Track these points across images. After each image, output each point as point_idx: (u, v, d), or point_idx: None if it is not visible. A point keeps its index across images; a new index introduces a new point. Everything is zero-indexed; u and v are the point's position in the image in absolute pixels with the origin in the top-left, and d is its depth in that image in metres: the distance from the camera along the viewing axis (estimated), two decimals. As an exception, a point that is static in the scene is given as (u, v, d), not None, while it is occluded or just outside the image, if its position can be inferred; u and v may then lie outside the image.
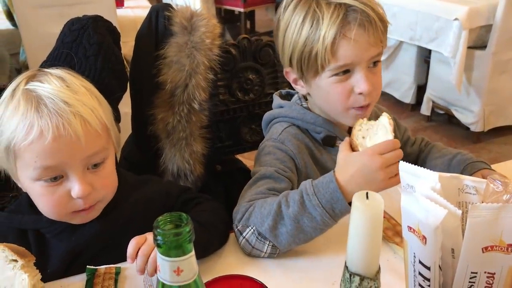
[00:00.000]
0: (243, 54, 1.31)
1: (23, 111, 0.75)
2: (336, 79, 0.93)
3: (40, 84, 0.77)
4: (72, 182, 0.78)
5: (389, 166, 0.83)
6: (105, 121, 0.81)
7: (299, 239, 0.86)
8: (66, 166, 0.77)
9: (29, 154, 0.75)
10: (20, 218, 0.85)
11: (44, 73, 0.81)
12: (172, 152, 1.21)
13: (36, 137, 0.73)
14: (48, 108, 0.74)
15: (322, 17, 0.89)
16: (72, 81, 0.80)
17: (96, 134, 0.78)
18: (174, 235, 0.43)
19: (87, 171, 0.80)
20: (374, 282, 0.50)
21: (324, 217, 0.83)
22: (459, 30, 2.76)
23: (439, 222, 0.48)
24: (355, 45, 0.89)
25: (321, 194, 0.83)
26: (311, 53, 0.91)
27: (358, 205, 0.47)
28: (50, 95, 0.75)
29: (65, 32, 1.08)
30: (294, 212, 0.83)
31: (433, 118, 3.34)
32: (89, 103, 0.79)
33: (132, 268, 0.85)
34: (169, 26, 1.17)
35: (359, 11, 0.89)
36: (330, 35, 0.88)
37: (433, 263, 0.52)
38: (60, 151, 0.75)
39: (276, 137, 1.01)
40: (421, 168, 0.56)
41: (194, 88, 1.16)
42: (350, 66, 0.92)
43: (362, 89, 0.92)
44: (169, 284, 0.44)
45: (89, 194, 0.79)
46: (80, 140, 0.75)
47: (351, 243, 0.49)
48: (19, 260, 0.73)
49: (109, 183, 0.84)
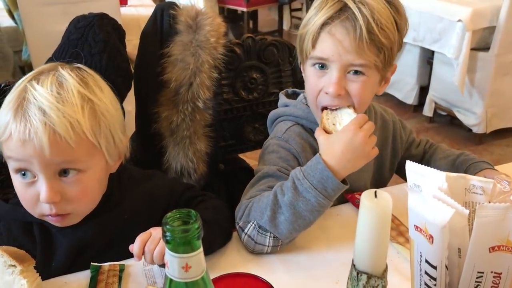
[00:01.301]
0: (248, 53, 1.31)
1: (9, 107, 0.77)
2: (314, 71, 0.95)
3: (36, 85, 0.78)
4: (40, 185, 0.78)
5: (370, 136, 0.87)
6: (88, 135, 0.78)
7: (298, 226, 0.86)
8: (34, 168, 0.77)
9: (5, 147, 0.78)
10: (24, 210, 0.85)
11: (52, 71, 0.81)
12: (175, 150, 1.21)
13: (7, 135, 0.76)
14: (23, 112, 0.76)
15: (325, 4, 0.92)
16: (70, 88, 0.79)
17: (66, 146, 0.76)
18: (183, 231, 0.43)
19: (58, 177, 0.79)
20: (381, 281, 0.50)
21: (319, 198, 0.84)
22: (463, 31, 2.76)
23: (446, 221, 0.48)
24: (334, 42, 0.90)
25: (311, 176, 0.85)
26: (303, 36, 0.95)
27: (366, 204, 0.47)
28: (34, 100, 0.76)
29: (71, 30, 1.08)
30: (289, 198, 0.85)
31: (435, 120, 3.34)
32: (72, 115, 0.76)
33: (136, 265, 0.86)
34: (174, 24, 1.17)
35: (350, 13, 0.89)
36: (317, 24, 0.91)
37: (440, 262, 0.52)
38: (25, 152, 0.76)
39: (280, 136, 1.02)
40: (428, 168, 0.56)
41: (198, 87, 1.16)
42: (326, 62, 0.93)
43: (329, 90, 0.92)
44: (178, 280, 0.44)
45: (57, 203, 0.78)
46: (43, 149, 0.75)
47: (358, 241, 0.49)
48: (18, 266, 0.72)
49: (82, 197, 0.81)
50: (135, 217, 0.90)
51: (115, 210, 0.88)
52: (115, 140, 0.84)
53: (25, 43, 2.25)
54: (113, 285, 0.82)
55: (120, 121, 0.86)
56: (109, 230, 0.87)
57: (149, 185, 0.96)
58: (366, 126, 0.87)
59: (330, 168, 0.84)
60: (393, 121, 1.16)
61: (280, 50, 1.34)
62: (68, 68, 0.82)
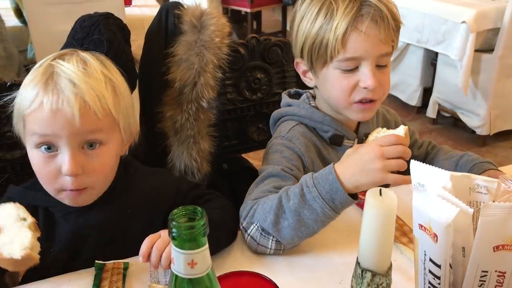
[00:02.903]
0: (252, 53, 1.32)
1: (35, 81, 0.81)
2: (342, 72, 0.95)
3: (62, 62, 0.82)
4: (64, 157, 0.80)
5: (389, 159, 0.81)
6: (111, 110, 0.83)
7: (301, 233, 0.85)
8: (60, 139, 0.80)
9: (31, 121, 0.81)
10: (33, 194, 0.88)
11: (74, 53, 0.86)
12: (179, 149, 1.21)
13: (37, 107, 0.79)
14: (54, 84, 0.80)
15: (336, 9, 0.91)
16: (93, 66, 0.84)
17: (94, 117, 0.81)
18: (189, 228, 0.43)
19: (81, 150, 0.82)
20: (385, 279, 0.50)
21: (325, 209, 0.83)
22: (467, 33, 2.76)
23: (450, 220, 0.48)
24: (365, 38, 0.91)
25: (321, 186, 0.83)
26: (322, 42, 0.93)
27: (371, 202, 0.47)
28: (63, 74, 0.81)
29: (76, 29, 1.09)
30: (295, 204, 0.84)
31: (438, 121, 3.33)
32: (98, 89, 0.82)
33: (140, 264, 0.86)
34: (179, 24, 1.17)
35: (373, 6, 0.91)
36: (343, 26, 0.90)
37: (444, 261, 0.52)
38: (55, 123, 0.79)
39: (284, 135, 1.02)
40: (432, 167, 0.56)
41: (202, 87, 1.16)
42: (358, 61, 0.93)
43: (368, 84, 0.93)
44: (183, 276, 0.45)
45: (78, 175, 0.81)
46: (75, 117, 0.78)
47: (363, 239, 0.49)
48: (29, 218, 0.76)
49: (102, 170, 0.85)
50: (138, 212, 0.90)
51: (118, 201, 0.89)
52: (130, 121, 0.89)
53: (30, 41, 2.26)
54: (117, 283, 0.82)
55: (132, 105, 0.91)
56: (112, 222, 0.88)
57: (156, 181, 0.97)
58: (389, 147, 0.82)
59: (340, 180, 0.82)
60: (395, 121, 1.16)
61: (284, 50, 1.34)
62: (86, 52, 0.88)
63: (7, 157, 1.06)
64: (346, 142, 1.04)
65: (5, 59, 2.15)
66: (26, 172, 1.08)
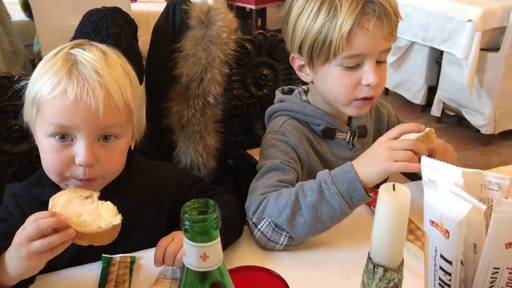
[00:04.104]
0: (258, 49, 1.31)
1: (57, 68, 0.79)
2: (344, 69, 0.95)
3: (82, 51, 0.82)
4: (79, 148, 0.80)
5: (395, 150, 0.84)
6: (130, 102, 0.83)
7: (316, 229, 0.87)
8: (78, 130, 0.79)
9: (49, 109, 0.79)
10: (40, 190, 0.86)
11: (91, 44, 0.86)
12: (186, 145, 1.21)
13: (59, 95, 0.77)
14: (79, 72, 0.78)
15: (340, 6, 0.90)
16: (112, 57, 0.84)
17: (116, 110, 0.81)
18: (201, 220, 0.43)
19: (97, 142, 0.81)
20: (397, 274, 0.50)
21: (343, 206, 0.84)
22: (472, 31, 2.75)
23: (463, 216, 0.48)
24: (371, 36, 0.91)
25: (340, 183, 0.85)
26: (325, 40, 0.93)
27: (384, 196, 0.47)
28: (86, 62, 0.80)
29: (84, 23, 1.09)
30: (313, 201, 0.85)
31: (443, 120, 3.32)
32: (120, 80, 0.82)
33: (147, 258, 0.86)
34: (186, 19, 1.17)
35: (377, 3, 0.91)
36: (348, 24, 0.90)
37: (455, 258, 0.52)
38: (77, 114, 0.78)
39: (277, 130, 1.03)
40: (443, 163, 0.56)
41: (209, 82, 1.16)
42: (362, 58, 0.93)
43: (370, 81, 0.93)
44: (195, 269, 0.45)
45: (92, 166, 0.80)
46: (99, 110, 0.78)
47: (375, 234, 0.49)
48: (94, 193, 0.78)
49: (114, 161, 0.85)
50: (146, 206, 0.91)
51: (128, 196, 0.89)
52: (140, 115, 0.89)
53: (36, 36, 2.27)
54: (124, 277, 0.82)
55: (143, 99, 0.90)
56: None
57: (160, 172, 0.97)
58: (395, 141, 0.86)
59: (359, 177, 0.84)
60: (388, 114, 1.17)
61: (286, 37, 1.34)
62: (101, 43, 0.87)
63: (14, 150, 1.06)
64: (339, 135, 1.05)
65: (11, 53, 2.16)
66: (33, 165, 1.08)
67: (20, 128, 1.04)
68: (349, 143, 1.05)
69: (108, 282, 0.81)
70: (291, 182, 0.93)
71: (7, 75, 1.02)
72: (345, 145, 1.05)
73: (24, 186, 0.88)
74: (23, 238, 0.69)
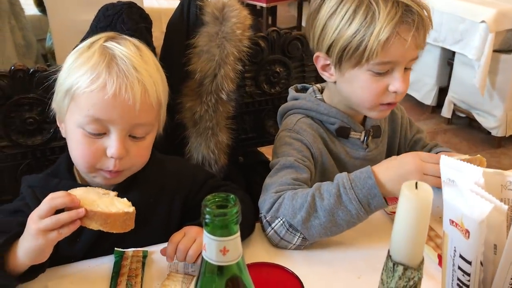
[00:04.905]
0: (272, 46, 1.31)
1: (95, 62, 0.80)
2: (373, 75, 0.94)
3: (117, 45, 0.83)
4: (112, 141, 0.81)
5: (427, 175, 0.83)
6: (161, 98, 0.85)
7: (330, 232, 0.86)
8: (113, 124, 0.80)
9: (86, 101, 0.80)
10: (57, 182, 0.87)
11: (123, 37, 0.87)
12: (198, 141, 1.21)
13: (98, 88, 0.78)
14: (118, 67, 0.80)
15: (378, 12, 0.89)
16: (146, 53, 0.86)
17: (150, 106, 0.82)
18: (222, 214, 0.43)
19: (128, 138, 0.83)
20: (417, 273, 0.50)
21: (359, 211, 0.84)
22: (486, 32, 2.72)
23: (484, 216, 0.48)
24: (403, 43, 0.90)
25: (359, 189, 0.84)
26: (359, 45, 0.91)
27: (407, 194, 0.46)
28: (124, 57, 0.81)
29: (100, 17, 1.09)
30: (330, 204, 0.84)
31: (453, 121, 3.30)
32: (154, 76, 0.83)
33: (159, 252, 0.86)
34: (201, 15, 1.17)
35: (416, 13, 0.90)
36: (386, 31, 0.88)
37: (475, 258, 0.51)
38: (114, 109, 0.79)
39: (291, 127, 1.02)
40: (464, 163, 0.56)
41: (222, 79, 1.16)
42: (393, 65, 0.93)
43: (398, 88, 0.93)
44: (214, 263, 0.45)
45: (122, 158, 0.82)
46: (136, 105, 0.79)
47: (396, 232, 0.49)
48: (111, 192, 0.79)
49: (142, 155, 0.87)
50: (160, 200, 0.91)
51: (143, 190, 0.89)
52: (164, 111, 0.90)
53: (49, 30, 2.28)
54: (136, 271, 0.82)
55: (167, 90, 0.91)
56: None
57: (174, 168, 0.98)
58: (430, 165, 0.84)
59: (379, 185, 0.84)
60: (401, 116, 1.16)
61: (305, 44, 1.34)
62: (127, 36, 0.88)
63: (28, 143, 1.07)
64: (353, 134, 1.04)
65: (24, 47, 2.17)
66: (46, 158, 1.09)
67: (34, 121, 1.05)
68: (363, 143, 1.05)
69: (120, 275, 0.81)
70: (305, 181, 0.93)
71: (23, 68, 1.02)
72: (359, 144, 1.05)
73: (41, 178, 0.89)
74: (35, 215, 0.71)
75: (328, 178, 1.03)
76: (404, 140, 1.17)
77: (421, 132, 1.20)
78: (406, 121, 1.17)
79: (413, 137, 1.17)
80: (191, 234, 0.82)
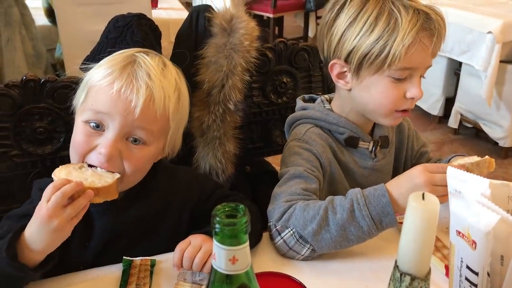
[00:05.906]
0: (279, 57, 1.32)
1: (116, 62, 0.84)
2: (393, 81, 0.95)
3: (145, 56, 0.87)
4: (105, 139, 0.82)
5: (437, 185, 0.83)
6: (170, 115, 0.85)
7: (340, 246, 0.87)
8: (112, 121, 0.81)
9: (94, 94, 0.83)
10: None
11: (156, 54, 0.90)
12: (205, 150, 1.22)
13: (106, 84, 0.81)
14: (131, 70, 0.83)
15: (401, 19, 0.90)
16: (170, 71, 0.89)
17: (153, 115, 0.83)
18: (231, 224, 0.44)
19: (124, 140, 0.83)
20: (424, 283, 0.50)
21: (371, 228, 0.85)
22: (492, 43, 2.72)
23: (491, 227, 0.48)
24: (425, 50, 0.92)
25: (372, 206, 0.85)
26: (381, 51, 0.91)
27: (414, 205, 0.47)
28: (143, 64, 0.84)
29: (110, 29, 1.11)
30: (343, 219, 0.85)
31: (460, 132, 3.29)
32: (167, 90, 0.85)
33: (167, 261, 0.87)
34: (209, 27, 1.19)
35: (435, 21, 0.92)
36: (409, 37, 0.90)
37: (482, 269, 0.51)
38: (116, 105, 0.80)
39: (300, 137, 1.02)
40: (470, 174, 0.56)
41: (230, 89, 1.17)
42: (412, 71, 0.94)
43: (415, 94, 0.95)
44: (224, 272, 0.45)
45: (112, 159, 0.81)
46: (136, 108, 0.80)
47: (403, 242, 0.49)
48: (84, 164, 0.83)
49: (136, 165, 0.84)
50: (169, 209, 0.92)
51: (152, 199, 0.90)
52: (178, 135, 0.92)
53: (59, 41, 2.31)
54: (144, 279, 0.83)
55: (185, 122, 0.94)
56: (146, 220, 0.89)
57: (184, 177, 0.98)
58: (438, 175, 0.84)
59: (392, 203, 0.84)
60: (408, 127, 1.17)
61: (311, 55, 1.35)
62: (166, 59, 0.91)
63: (38, 152, 1.08)
64: (362, 144, 1.04)
65: (34, 57, 2.20)
66: (56, 167, 1.10)
67: (44, 130, 1.07)
68: (372, 153, 1.05)
69: (129, 284, 0.82)
70: (314, 191, 0.93)
71: (34, 78, 1.04)
72: (367, 154, 1.05)
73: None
74: (55, 208, 0.72)
75: (336, 187, 1.03)
76: (411, 152, 1.17)
77: (426, 146, 1.21)
78: (413, 132, 1.18)
79: (419, 149, 1.18)
80: (197, 242, 0.82)
